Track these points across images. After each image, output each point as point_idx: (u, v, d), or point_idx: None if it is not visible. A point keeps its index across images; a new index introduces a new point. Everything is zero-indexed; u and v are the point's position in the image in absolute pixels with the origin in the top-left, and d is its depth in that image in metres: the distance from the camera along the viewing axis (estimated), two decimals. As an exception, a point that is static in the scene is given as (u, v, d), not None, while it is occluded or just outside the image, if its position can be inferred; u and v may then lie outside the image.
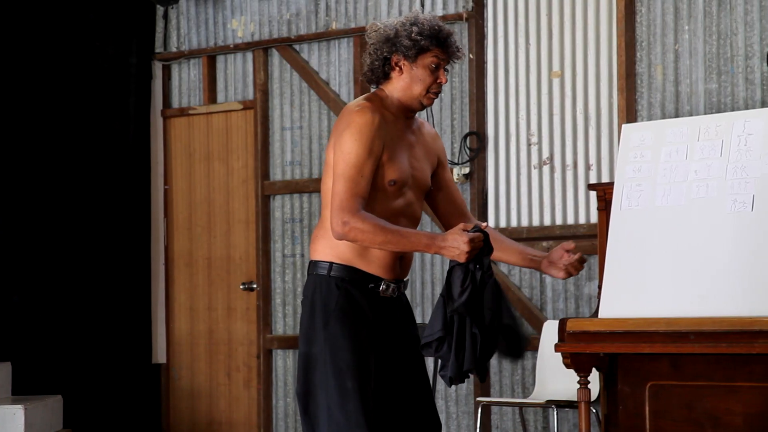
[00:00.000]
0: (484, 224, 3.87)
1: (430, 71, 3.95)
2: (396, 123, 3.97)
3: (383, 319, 3.95)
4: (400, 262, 3.99)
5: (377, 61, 3.95)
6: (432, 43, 3.93)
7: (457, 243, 3.79)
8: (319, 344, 3.89)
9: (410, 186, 3.98)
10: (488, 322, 3.88)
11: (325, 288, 3.91)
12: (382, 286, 3.94)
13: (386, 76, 3.96)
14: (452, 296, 3.84)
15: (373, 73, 3.97)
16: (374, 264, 3.93)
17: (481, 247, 3.83)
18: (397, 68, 3.95)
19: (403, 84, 3.96)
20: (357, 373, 3.85)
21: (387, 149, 3.89)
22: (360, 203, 3.82)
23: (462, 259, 3.80)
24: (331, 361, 3.86)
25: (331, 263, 3.92)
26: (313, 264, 3.97)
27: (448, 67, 4.03)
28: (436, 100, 7.31)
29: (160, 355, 8.35)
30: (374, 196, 3.90)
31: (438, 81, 3.96)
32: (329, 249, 3.93)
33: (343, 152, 3.84)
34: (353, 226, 3.78)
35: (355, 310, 3.90)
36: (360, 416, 3.83)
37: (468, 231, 3.81)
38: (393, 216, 3.93)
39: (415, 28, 3.93)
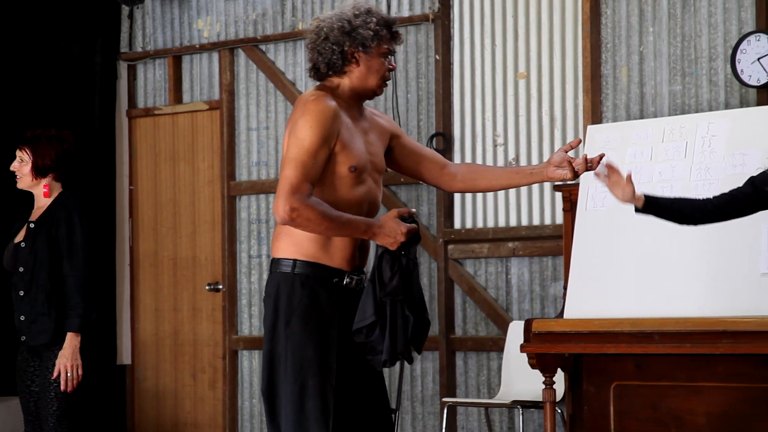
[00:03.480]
0: (413, 210, 3.96)
1: (384, 60, 3.98)
2: (349, 111, 3.98)
3: (346, 314, 3.96)
4: (360, 252, 4.00)
5: (335, 55, 3.94)
6: (388, 33, 3.97)
7: (394, 232, 3.87)
8: (282, 342, 3.90)
9: (369, 172, 4.00)
10: (417, 306, 3.96)
11: (288, 286, 3.91)
12: (346, 279, 3.95)
13: (341, 70, 3.96)
14: (383, 281, 3.89)
15: (330, 67, 3.97)
16: (336, 256, 3.94)
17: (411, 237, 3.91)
18: (354, 60, 3.96)
19: (359, 75, 3.97)
20: (318, 370, 3.86)
21: (342, 137, 3.90)
22: (310, 189, 3.84)
23: (394, 247, 3.88)
24: (293, 359, 3.87)
25: (295, 260, 3.92)
26: (276, 261, 3.97)
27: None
28: (402, 102, 7.36)
29: (125, 357, 8.31)
30: (335, 185, 3.91)
31: (391, 69, 4.00)
32: (293, 246, 3.93)
33: (298, 138, 3.85)
34: (301, 213, 3.81)
35: (318, 308, 3.91)
36: (320, 414, 3.84)
37: (404, 218, 3.88)
38: (356, 204, 3.95)
39: (372, 19, 3.95)
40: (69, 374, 5.20)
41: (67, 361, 5.21)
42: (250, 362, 7.89)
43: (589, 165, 4.06)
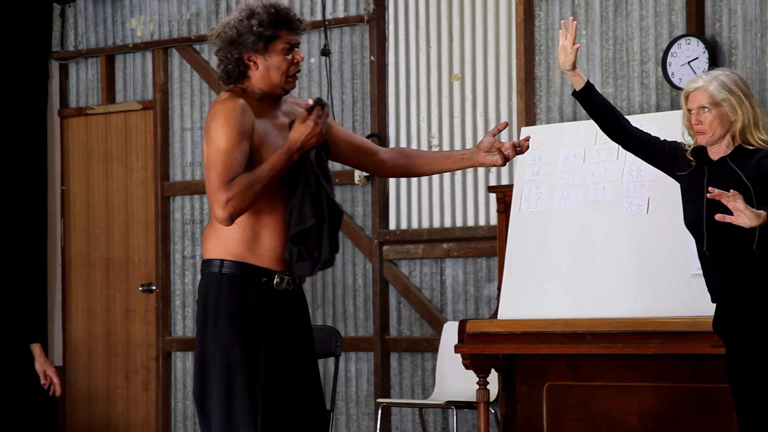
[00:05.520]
0: (309, 102, 3.92)
1: (284, 56, 3.95)
2: (263, 109, 3.96)
3: (278, 314, 3.95)
4: None
5: (230, 64, 3.95)
6: (277, 29, 3.93)
7: (305, 131, 3.86)
8: (211, 342, 3.90)
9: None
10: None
11: (216, 286, 3.92)
12: (276, 279, 3.94)
13: (244, 75, 3.96)
14: (326, 179, 3.89)
15: (230, 76, 3.97)
16: (264, 256, 3.93)
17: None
18: (252, 64, 3.95)
19: (261, 76, 3.95)
20: (246, 370, 3.86)
21: (257, 134, 3.90)
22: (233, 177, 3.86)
23: (320, 139, 3.88)
24: (221, 359, 3.87)
25: (223, 260, 3.92)
26: (206, 263, 3.97)
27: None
28: (337, 102, 7.36)
29: (56, 358, 8.23)
30: None
31: (295, 62, 3.97)
32: (219, 247, 3.93)
33: (213, 141, 3.85)
34: (234, 197, 3.80)
35: (245, 307, 3.90)
36: (248, 414, 3.84)
37: (309, 110, 3.88)
38: (281, 200, 3.94)
39: (254, 21, 3.91)
40: (57, 379, 5.30)
41: (50, 368, 5.28)
42: (184, 364, 7.85)
43: (519, 149, 4.11)
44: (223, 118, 3.84)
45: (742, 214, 4.00)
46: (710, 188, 4.08)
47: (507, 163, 4.17)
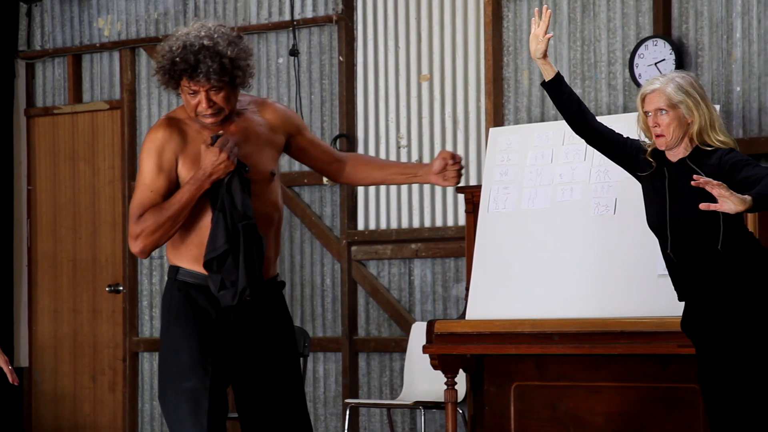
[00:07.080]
0: (219, 133, 3.90)
1: (190, 98, 3.94)
2: (203, 131, 3.94)
3: (237, 322, 3.96)
4: None
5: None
6: (172, 78, 3.94)
7: (213, 159, 3.84)
8: (163, 347, 3.98)
9: None
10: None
11: (169, 292, 3.99)
12: None
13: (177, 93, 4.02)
14: (236, 206, 3.86)
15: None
16: None
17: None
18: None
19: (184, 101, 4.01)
20: (192, 374, 3.90)
21: (187, 160, 3.90)
22: None
23: (230, 166, 3.84)
24: (171, 363, 3.94)
25: (178, 268, 3.98)
26: (169, 268, 4.03)
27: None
28: (306, 103, 7.35)
29: (22, 359, 8.19)
30: (203, 209, 3.90)
31: (199, 106, 3.93)
32: (173, 256, 4.00)
33: (139, 173, 3.95)
34: (143, 233, 3.87)
35: (194, 312, 3.94)
36: (196, 417, 3.88)
37: (211, 142, 3.85)
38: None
39: (166, 62, 3.92)
40: (10, 367, 5.26)
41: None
42: (151, 364, 7.82)
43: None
44: (145, 152, 3.93)
45: (727, 200, 3.96)
46: (695, 176, 4.05)
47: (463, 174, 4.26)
